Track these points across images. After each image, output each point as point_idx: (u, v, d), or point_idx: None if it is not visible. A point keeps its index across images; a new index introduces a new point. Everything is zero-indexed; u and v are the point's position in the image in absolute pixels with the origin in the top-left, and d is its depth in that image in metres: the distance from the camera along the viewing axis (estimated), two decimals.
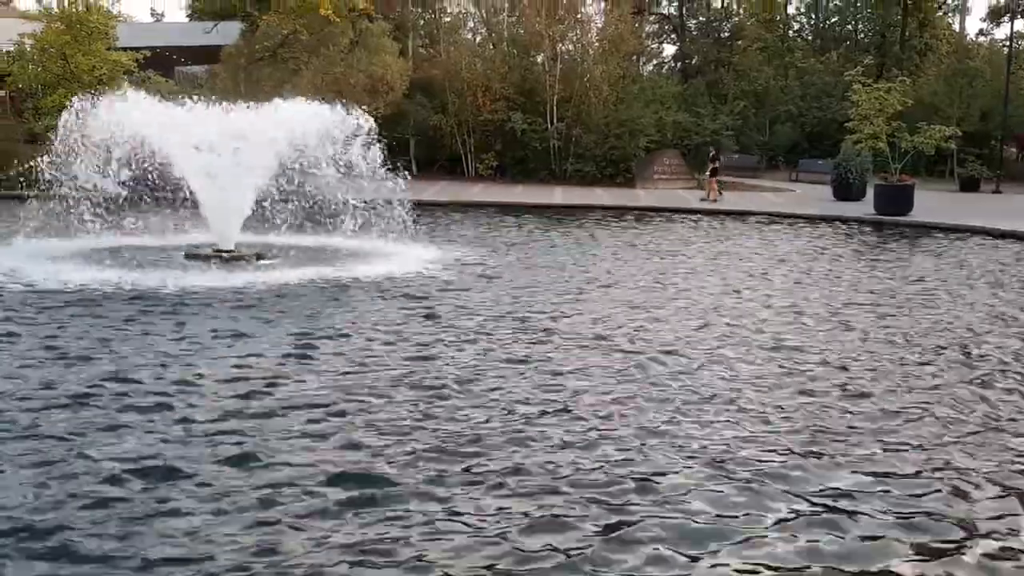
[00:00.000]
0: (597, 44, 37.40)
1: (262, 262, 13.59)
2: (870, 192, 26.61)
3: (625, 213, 24.70)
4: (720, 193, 28.81)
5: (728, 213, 25.04)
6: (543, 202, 27.04)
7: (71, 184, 13.60)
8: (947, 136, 25.71)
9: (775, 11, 55.18)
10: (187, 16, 49.15)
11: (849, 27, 56.64)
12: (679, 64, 58.31)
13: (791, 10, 57.48)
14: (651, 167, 34.71)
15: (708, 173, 29.64)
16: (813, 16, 57.67)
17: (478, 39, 41.62)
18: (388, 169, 14.50)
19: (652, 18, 57.81)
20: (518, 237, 18.72)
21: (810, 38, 57.08)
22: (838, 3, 56.63)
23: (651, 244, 17.92)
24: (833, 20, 57.06)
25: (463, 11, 41.78)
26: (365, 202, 14.79)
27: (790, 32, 57.05)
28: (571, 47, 37.60)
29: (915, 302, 11.67)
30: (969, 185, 35.53)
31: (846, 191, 29.05)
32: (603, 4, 41.26)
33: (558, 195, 29.43)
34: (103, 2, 30.70)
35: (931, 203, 25.79)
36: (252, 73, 31.77)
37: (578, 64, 36.53)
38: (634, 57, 43.47)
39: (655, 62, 60.98)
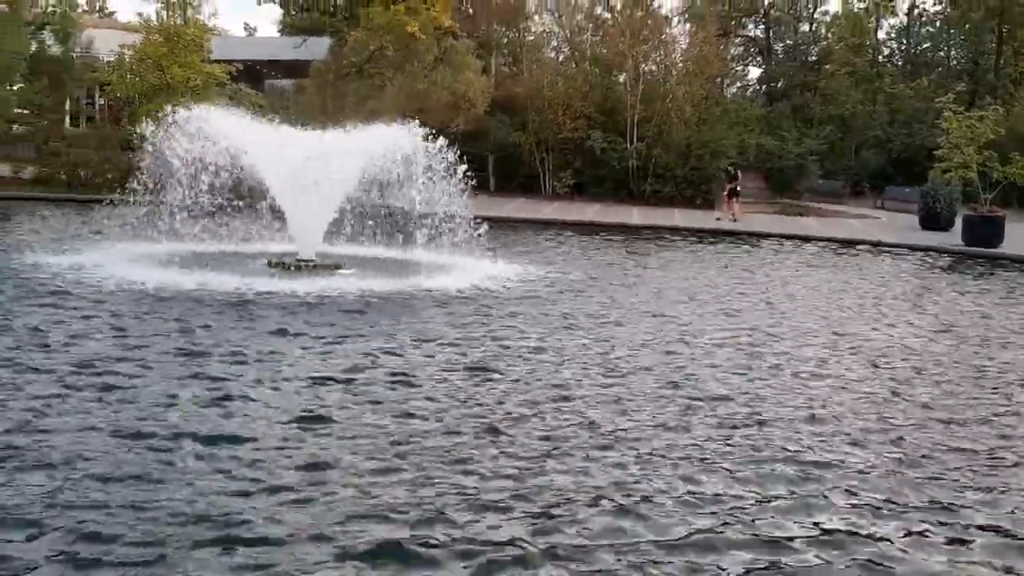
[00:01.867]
0: (681, 65, 37.26)
1: (340, 271, 13.89)
2: (958, 223, 25.87)
3: (706, 236, 24.54)
4: (733, 215, 28.52)
5: (807, 239, 24.61)
6: (620, 222, 26.98)
7: (164, 191, 14.08)
8: None
9: (865, 36, 54.19)
10: (278, 31, 50.41)
11: (941, 53, 55.31)
12: (764, 87, 57.58)
13: (881, 35, 56.45)
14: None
15: (725, 193, 29.47)
16: (904, 41, 56.47)
17: (560, 58, 41.83)
18: (465, 186, 14.69)
19: (737, 40, 57.29)
20: (590, 255, 18.74)
21: (900, 63, 55.88)
22: (930, 29, 55.37)
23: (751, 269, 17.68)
24: (925, 46, 55.80)
25: (546, 30, 42.06)
26: (440, 217, 14.97)
27: (880, 57, 55.96)
28: (654, 67, 37.54)
29: None
30: None
31: (934, 220, 28.29)
32: (688, 25, 41.21)
33: (635, 215, 29.32)
34: (200, 16, 31.64)
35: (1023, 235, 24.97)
36: (338, 88, 32.44)
37: (660, 84, 36.44)
38: (718, 79, 43.13)
39: (739, 84, 60.36)
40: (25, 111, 31.18)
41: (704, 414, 7.12)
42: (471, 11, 38.76)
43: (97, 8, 67.46)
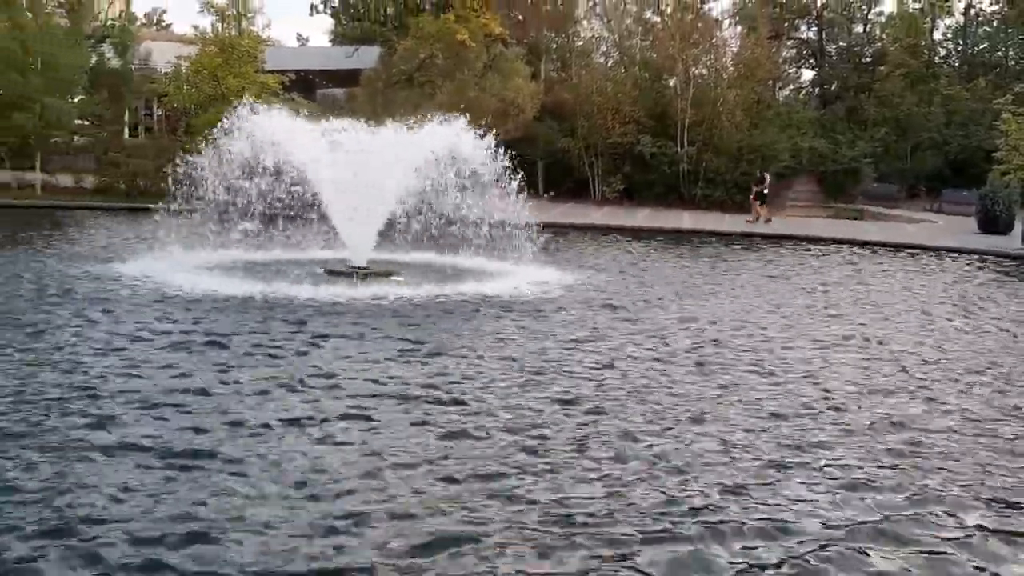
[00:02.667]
0: (732, 68, 36.98)
1: (392, 278, 13.98)
2: (1018, 226, 25.29)
3: (759, 240, 24.30)
4: (758, 217, 28.63)
5: (864, 243, 24.24)
6: (673, 226, 26.84)
7: (218, 198, 14.34)
8: None
9: (920, 36, 53.23)
10: (330, 41, 51.09)
11: (999, 54, 54.08)
12: (817, 89, 56.84)
13: (937, 35, 55.37)
14: (784, 193, 33.99)
15: (752, 196, 29.49)
16: (960, 42, 55.34)
17: (610, 63, 41.76)
18: (515, 192, 14.72)
19: (790, 43, 56.64)
20: (638, 260, 18.66)
21: (956, 64, 54.77)
22: (987, 29, 54.18)
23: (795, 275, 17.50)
24: (982, 46, 54.61)
25: (596, 35, 42.04)
26: (490, 223, 15.03)
27: (935, 58, 54.91)
28: (704, 71, 37.30)
29: None
30: None
31: (992, 224, 27.69)
32: (739, 28, 40.88)
33: (687, 220, 29.14)
34: (254, 27, 32.19)
35: None
36: (388, 96, 32.78)
37: (711, 88, 36.19)
38: (770, 82, 42.70)
39: (792, 87, 59.65)
40: (86, 122, 31.96)
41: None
42: (520, 18, 38.91)
43: (155, 21, 69.02)
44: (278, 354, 8.60)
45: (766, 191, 29.80)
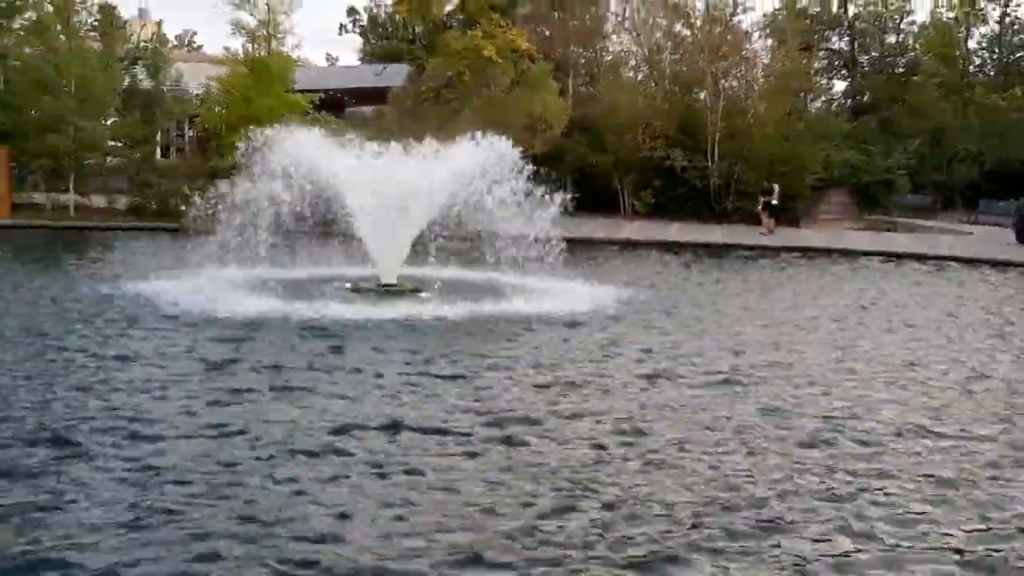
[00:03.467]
0: (763, 81, 36.65)
1: (421, 295, 13.86)
2: None
3: (797, 253, 23.95)
4: (768, 228, 28.97)
5: (901, 256, 23.80)
6: (705, 240, 26.53)
7: (250, 218, 14.29)
8: None
9: (954, 46, 52.53)
10: (359, 60, 51.37)
11: None
12: (849, 101, 56.26)
13: (971, 44, 54.61)
14: (817, 206, 33.54)
15: (760, 207, 29.76)
16: (996, 51, 54.54)
17: (639, 77, 41.53)
18: (544, 207, 14.51)
19: (821, 54, 56.12)
20: (674, 275, 18.40)
21: (992, 73, 53.97)
22: (1023, 37, 53.38)
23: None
24: (1018, 55, 53.80)
25: (625, 50, 41.84)
26: (520, 238, 14.80)
27: (970, 67, 54.16)
28: (735, 84, 36.98)
29: None
30: None
31: None
32: (769, 41, 40.57)
33: (719, 234, 28.80)
34: (283, 47, 32.32)
35: None
36: (416, 113, 32.77)
37: (742, 101, 35.83)
38: (801, 94, 42.24)
39: (823, 99, 59.08)
40: (118, 144, 32.23)
41: None
42: (547, 34, 38.81)
43: (185, 43, 69.89)
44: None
45: (774, 202, 29.84)
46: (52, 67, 28.80)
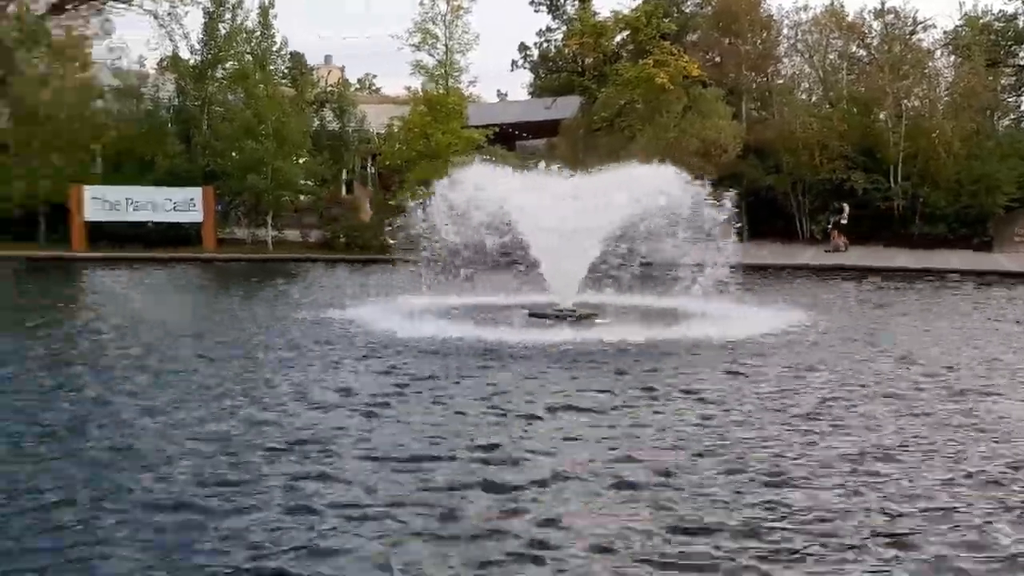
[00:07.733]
0: (947, 99, 35.06)
1: (597, 321, 14.06)
2: None
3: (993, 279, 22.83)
4: (838, 247, 30.07)
5: None
6: (899, 266, 25.63)
7: (435, 249, 15.00)
8: None
9: None
10: (529, 94, 52.48)
11: None
12: None
13: None
14: (1011, 227, 31.67)
15: (831, 225, 31.07)
16: None
17: (814, 98, 40.54)
18: (722, 232, 14.48)
19: (1008, 69, 52.95)
20: (879, 303, 17.85)
21: None
22: None
23: None
24: None
25: (798, 71, 40.96)
26: (697, 265, 14.76)
27: None
28: (917, 103, 35.54)
29: None
30: None
31: None
32: (952, 57, 38.72)
33: (906, 259, 27.62)
34: (459, 84, 33.63)
35: None
36: (588, 142, 33.28)
37: (925, 120, 34.37)
38: (988, 111, 40.02)
39: (1012, 116, 55.59)
40: (309, 182, 34.39)
41: None
42: (718, 59, 38.58)
43: (366, 85, 73.65)
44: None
45: (844, 220, 30.96)
46: (252, 114, 31.15)
